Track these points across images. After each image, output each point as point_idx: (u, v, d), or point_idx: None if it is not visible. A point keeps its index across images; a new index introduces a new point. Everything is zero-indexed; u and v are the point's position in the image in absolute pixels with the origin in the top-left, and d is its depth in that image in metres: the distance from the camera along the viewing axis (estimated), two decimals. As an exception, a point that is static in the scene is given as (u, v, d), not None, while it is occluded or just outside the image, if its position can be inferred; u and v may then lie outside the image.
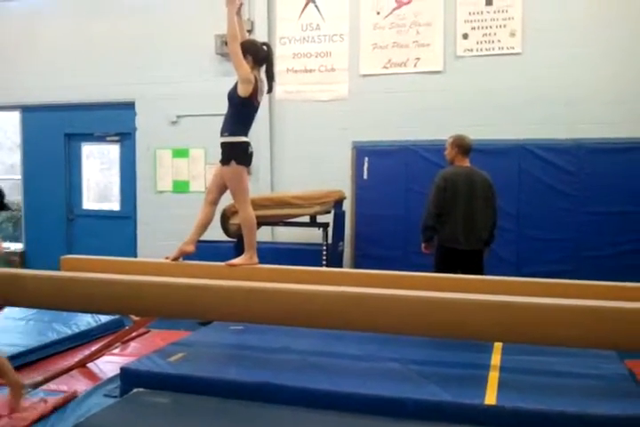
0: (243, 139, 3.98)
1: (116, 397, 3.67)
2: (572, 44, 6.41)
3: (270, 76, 4.13)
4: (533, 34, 6.50)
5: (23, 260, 8.47)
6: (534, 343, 3.31)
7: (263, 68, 4.12)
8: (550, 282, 3.70)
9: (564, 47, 6.42)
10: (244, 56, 3.92)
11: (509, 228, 6.21)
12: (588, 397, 3.19)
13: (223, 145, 4.01)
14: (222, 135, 4.01)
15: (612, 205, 6.17)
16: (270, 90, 4.20)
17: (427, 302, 3.08)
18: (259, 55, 4.06)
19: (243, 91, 3.93)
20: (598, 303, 2.96)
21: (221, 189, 4.15)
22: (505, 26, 6.61)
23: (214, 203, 4.18)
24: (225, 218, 6.26)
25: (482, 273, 4.90)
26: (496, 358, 3.84)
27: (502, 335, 3.16)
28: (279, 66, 7.31)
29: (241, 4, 4.01)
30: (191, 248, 4.14)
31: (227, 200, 6.71)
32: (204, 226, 4.19)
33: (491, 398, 3.16)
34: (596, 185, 6.23)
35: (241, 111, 4.00)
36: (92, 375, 4.30)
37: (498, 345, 4.04)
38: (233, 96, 3.99)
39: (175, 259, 4.13)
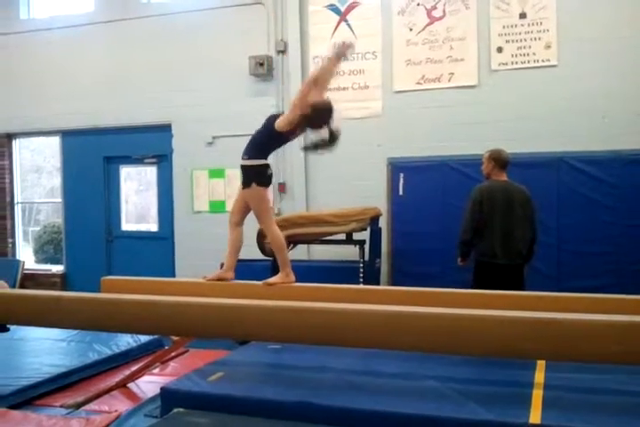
0: (262, 162, 4.01)
1: (156, 417, 3.67)
2: (608, 55, 6.33)
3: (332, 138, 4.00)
4: (569, 45, 6.44)
5: (64, 281, 8.60)
6: (579, 361, 3.22)
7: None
8: (593, 297, 3.62)
9: (601, 58, 6.35)
10: (310, 114, 3.84)
11: (549, 242, 6.10)
12: (634, 415, 3.08)
13: (243, 168, 4.06)
14: (242, 158, 4.05)
15: (654, 216, 6.04)
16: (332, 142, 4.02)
17: (466, 320, 3.02)
18: (316, 123, 3.93)
19: (280, 125, 3.90)
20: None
21: (244, 211, 4.17)
22: (540, 38, 6.56)
23: (239, 224, 4.19)
24: (261, 237, 6.27)
25: (522, 289, 4.82)
26: (539, 376, 3.74)
27: (547, 353, 3.07)
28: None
29: (348, 48, 4.00)
30: (231, 275, 4.18)
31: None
32: (237, 249, 4.23)
33: (535, 417, 3.07)
34: (636, 197, 6.10)
35: (269, 139, 4.02)
36: (132, 395, 4.32)
37: (541, 362, 3.94)
38: (270, 122, 3.98)
39: (212, 280, 4.15)
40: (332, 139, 3.92)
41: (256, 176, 4.00)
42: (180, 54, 7.88)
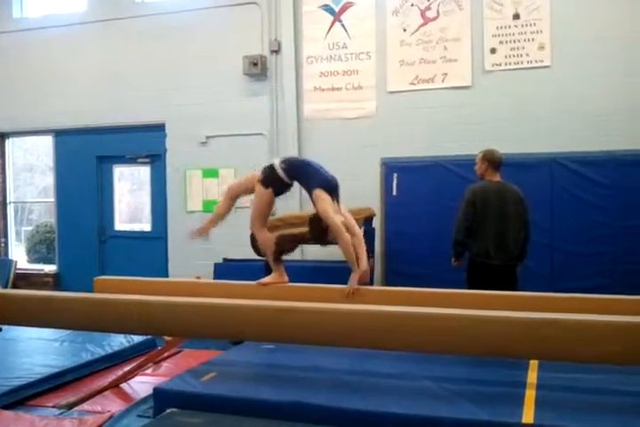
0: (270, 164, 4.10)
1: (149, 417, 3.66)
2: (601, 56, 6.35)
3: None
4: (562, 46, 6.46)
5: (57, 281, 8.57)
6: (573, 361, 3.23)
7: None
8: (586, 297, 3.63)
9: (594, 59, 6.37)
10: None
11: (543, 242, 6.12)
12: (628, 415, 3.09)
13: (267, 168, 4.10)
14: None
15: (647, 217, 6.06)
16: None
17: (460, 320, 3.02)
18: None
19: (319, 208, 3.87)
20: (636, 319, 2.88)
21: (238, 195, 4.33)
22: (533, 39, 6.58)
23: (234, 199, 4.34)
24: (255, 238, 6.26)
25: (515, 289, 4.82)
26: (532, 376, 3.75)
27: (540, 353, 3.09)
28: (306, 85, 7.38)
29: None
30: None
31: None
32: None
33: (528, 416, 3.08)
34: (630, 198, 6.12)
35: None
36: (125, 396, 4.31)
37: (534, 362, 3.95)
38: (309, 188, 4.00)
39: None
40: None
41: (269, 179, 4.06)
42: (173, 54, 7.86)
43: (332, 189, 3.94)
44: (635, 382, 3.63)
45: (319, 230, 3.89)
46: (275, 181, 4.06)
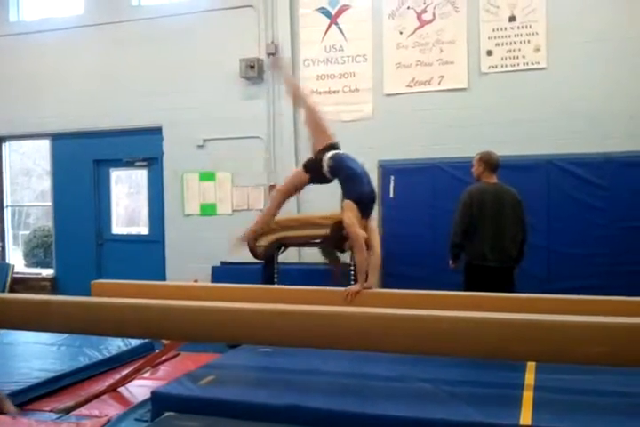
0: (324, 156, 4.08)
1: (147, 421, 3.66)
2: (597, 58, 6.37)
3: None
4: (558, 48, 6.48)
5: (54, 285, 8.56)
6: (569, 362, 3.24)
7: None
8: (582, 299, 3.62)
9: (590, 61, 6.39)
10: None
11: (540, 244, 6.11)
12: (624, 416, 3.10)
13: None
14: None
15: (643, 218, 6.07)
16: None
17: (458, 322, 3.03)
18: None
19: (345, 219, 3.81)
20: (632, 320, 2.89)
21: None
22: (529, 41, 6.59)
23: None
24: (252, 240, 6.27)
25: (513, 290, 4.82)
26: (530, 378, 3.76)
27: (538, 355, 3.09)
28: (303, 87, 7.37)
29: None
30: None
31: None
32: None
33: (526, 418, 3.09)
34: (626, 199, 6.12)
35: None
36: (123, 400, 4.30)
37: (531, 364, 3.95)
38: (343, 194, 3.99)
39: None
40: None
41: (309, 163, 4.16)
42: (170, 57, 7.87)
43: (365, 202, 3.89)
44: (631, 382, 3.64)
45: (338, 238, 3.86)
46: (316, 172, 4.09)
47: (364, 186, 3.95)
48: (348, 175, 3.98)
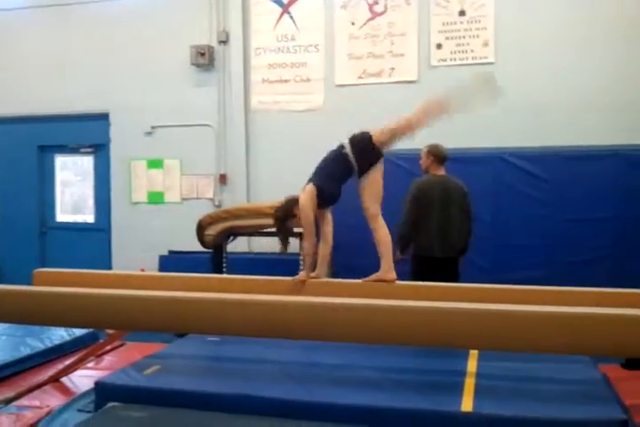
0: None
1: (90, 411, 3.60)
2: (544, 53, 6.51)
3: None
4: (506, 43, 6.60)
5: (-4, 274, 8.35)
6: (511, 350, 3.33)
7: None
8: (526, 289, 3.72)
9: (537, 56, 6.53)
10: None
11: (485, 235, 6.21)
12: (564, 402, 3.19)
13: None
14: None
15: (585, 211, 6.21)
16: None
17: (403, 311, 3.08)
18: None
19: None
20: (574, 310, 2.98)
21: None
22: (478, 36, 6.69)
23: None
24: (200, 229, 6.23)
25: (457, 281, 4.91)
26: (472, 365, 3.84)
27: (479, 343, 3.16)
28: (254, 76, 7.35)
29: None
30: (393, 276, 3.86)
31: (203, 211, 6.69)
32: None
33: (467, 405, 3.16)
34: (569, 192, 6.26)
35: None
36: (65, 390, 4.22)
37: (474, 351, 4.04)
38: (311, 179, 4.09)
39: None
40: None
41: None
42: (119, 42, 7.72)
43: (325, 198, 3.99)
44: (569, 370, 3.75)
45: (288, 209, 3.92)
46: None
47: (336, 188, 4.10)
48: (325, 166, 4.07)
